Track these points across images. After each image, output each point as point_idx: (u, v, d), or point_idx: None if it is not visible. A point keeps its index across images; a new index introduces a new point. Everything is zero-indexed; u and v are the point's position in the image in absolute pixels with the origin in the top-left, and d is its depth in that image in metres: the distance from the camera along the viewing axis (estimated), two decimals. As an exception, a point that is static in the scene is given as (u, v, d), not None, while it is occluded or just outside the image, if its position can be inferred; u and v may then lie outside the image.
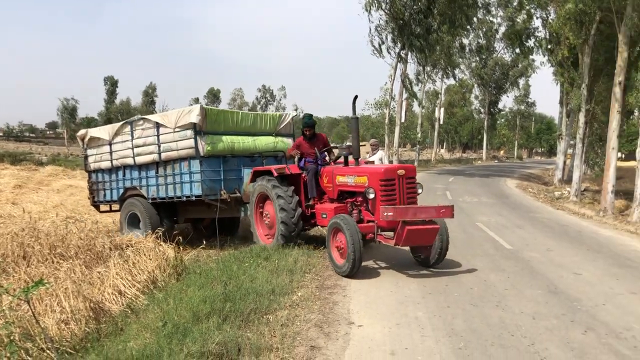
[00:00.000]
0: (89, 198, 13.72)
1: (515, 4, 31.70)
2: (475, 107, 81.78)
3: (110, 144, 12.48)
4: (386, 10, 24.33)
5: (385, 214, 7.51)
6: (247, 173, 10.88)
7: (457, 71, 46.26)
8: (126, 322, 6.24)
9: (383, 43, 24.95)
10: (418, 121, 51.51)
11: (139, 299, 7.11)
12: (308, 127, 9.98)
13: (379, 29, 25.62)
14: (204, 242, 10.02)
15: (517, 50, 34.43)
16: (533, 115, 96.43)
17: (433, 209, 7.80)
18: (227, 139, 10.91)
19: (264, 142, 11.74)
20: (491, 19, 36.51)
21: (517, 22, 32.23)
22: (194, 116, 10.30)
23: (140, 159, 11.70)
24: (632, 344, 5.39)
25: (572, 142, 29.73)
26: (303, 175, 9.76)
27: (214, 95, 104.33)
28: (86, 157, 13.43)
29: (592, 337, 5.58)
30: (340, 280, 7.71)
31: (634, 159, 17.70)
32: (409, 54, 26.36)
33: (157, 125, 11.07)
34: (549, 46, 28.33)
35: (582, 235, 12.56)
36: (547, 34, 28.13)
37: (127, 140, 11.92)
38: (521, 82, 72.71)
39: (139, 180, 11.96)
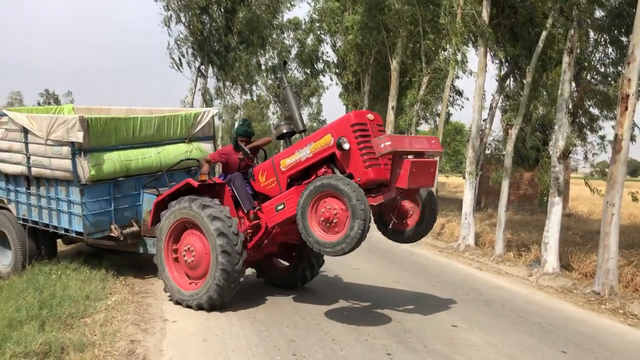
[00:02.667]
0: None
1: (303, 27, 34.61)
2: (273, 123, 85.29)
3: None
4: (185, 25, 24.81)
5: (383, 144, 6.09)
6: (147, 199, 8.38)
7: (255, 88, 48.42)
8: None
9: (184, 57, 25.43)
10: (219, 134, 52.55)
11: None
12: (243, 137, 7.88)
13: (178, 42, 26.10)
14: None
15: (308, 71, 37.57)
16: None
17: (424, 139, 6.71)
18: (119, 156, 8.30)
19: (173, 153, 9.05)
20: (284, 39, 38.96)
21: (307, 45, 35.20)
22: (74, 132, 7.70)
23: (5, 167, 8.87)
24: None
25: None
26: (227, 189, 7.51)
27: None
28: None
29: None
30: (150, 285, 8.25)
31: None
32: (209, 69, 27.16)
33: (25, 131, 8.30)
34: (337, 70, 31.54)
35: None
36: (336, 58, 31.31)
37: None
38: (314, 100, 78.02)
39: (5, 192, 9.17)
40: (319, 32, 32.97)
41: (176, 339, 5.96)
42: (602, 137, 12.90)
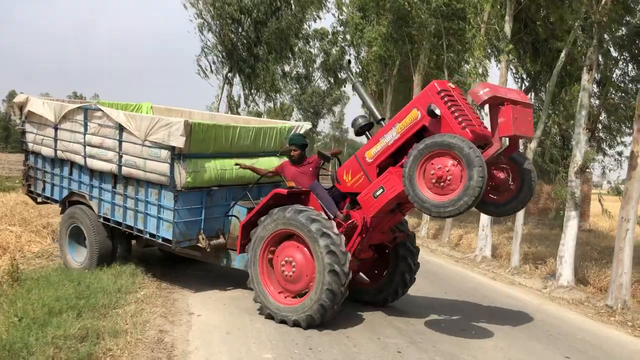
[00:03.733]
0: (22, 184, 10.44)
1: (329, 37, 35.14)
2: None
3: (56, 128, 9.18)
4: (216, 34, 25.49)
5: (481, 91, 6.03)
6: (237, 210, 8.19)
7: (278, 96, 49.13)
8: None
9: (214, 64, 26.09)
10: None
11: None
12: (298, 147, 7.71)
13: (205, 50, 26.81)
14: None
15: (332, 80, 38.13)
16: (345, 140, 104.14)
17: (515, 90, 6.69)
18: (215, 165, 8.09)
19: (265, 165, 8.63)
20: (309, 49, 39.53)
21: (332, 54, 35.74)
22: (176, 137, 7.46)
23: (93, 163, 8.63)
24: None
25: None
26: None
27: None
28: (23, 132, 9.95)
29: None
30: (176, 282, 8.67)
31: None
32: (236, 77, 27.78)
33: (121, 128, 8.13)
34: (360, 79, 31.98)
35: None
36: (359, 69, 31.75)
37: (79, 132, 8.81)
38: (336, 109, 78.59)
39: (89, 188, 8.87)
40: (342, 44, 33.49)
41: (201, 330, 6.38)
42: (620, 153, 13.05)
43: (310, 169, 7.66)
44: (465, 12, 16.11)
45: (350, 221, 6.87)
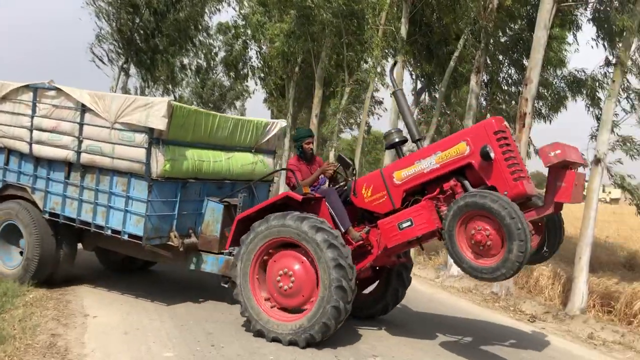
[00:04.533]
0: None
1: (232, 32, 34.80)
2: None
3: None
4: (113, 21, 24.38)
5: (553, 153, 5.54)
6: (211, 207, 7.53)
7: (177, 89, 47.91)
8: None
9: (111, 52, 24.96)
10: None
11: None
12: (310, 138, 7.20)
13: (100, 37, 25.57)
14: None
15: (232, 75, 37.80)
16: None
17: (576, 150, 6.01)
18: (193, 155, 7.38)
19: (240, 161, 8.16)
20: (211, 41, 38.83)
21: (235, 49, 35.38)
22: (157, 118, 6.74)
23: (41, 150, 7.59)
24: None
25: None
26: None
27: None
28: None
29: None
30: (68, 283, 8.23)
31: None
32: (133, 67, 26.76)
33: (83, 109, 7.25)
34: (262, 75, 31.93)
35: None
36: (261, 64, 31.68)
37: (24, 115, 7.72)
38: (238, 104, 77.80)
39: (32, 180, 7.75)
40: (244, 38, 33.28)
41: (97, 332, 6.13)
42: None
43: (317, 168, 7.08)
44: (364, 12, 16.59)
45: (360, 242, 6.32)
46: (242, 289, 6.36)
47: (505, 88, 14.69)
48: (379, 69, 15.81)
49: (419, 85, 18.28)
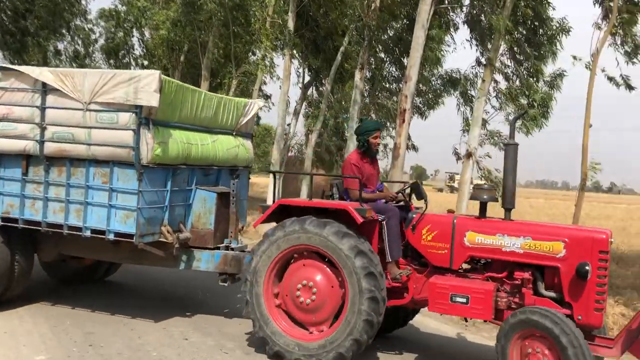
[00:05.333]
0: None
1: (114, 20, 33.15)
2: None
3: None
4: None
5: None
6: (202, 197, 6.72)
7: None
8: None
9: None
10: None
11: None
12: (378, 132, 6.11)
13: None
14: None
15: (113, 62, 36.03)
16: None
17: None
18: (182, 138, 6.49)
19: (225, 145, 7.30)
20: (90, 27, 36.78)
21: (117, 36, 33.70)
22: (147, 94, 5.80)
23: None
24: None
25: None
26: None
27: None
28: None
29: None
30: None
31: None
32: (2, 52, 24.76)
33: (44, 90, 6.17)
34: (145, 63, 30.70)
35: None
36: (144, 52, 30.45)
37: None
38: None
39: None
40: (126, 25, 31.81)
41: (-41, 338, 5.65)
42: (385, 145, 14.75)
43: (378, 169, 6.22)
44: (251, 4, 16.53)
45: (398, 284, 5.59)
46: (256, 305, 5.59)
47: (387, 85, 15.32)
48: (267, 62, 15.84)
49: (307, 80, 18.56)
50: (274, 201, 5.91)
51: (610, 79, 13.02)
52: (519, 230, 5.28)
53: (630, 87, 13.00)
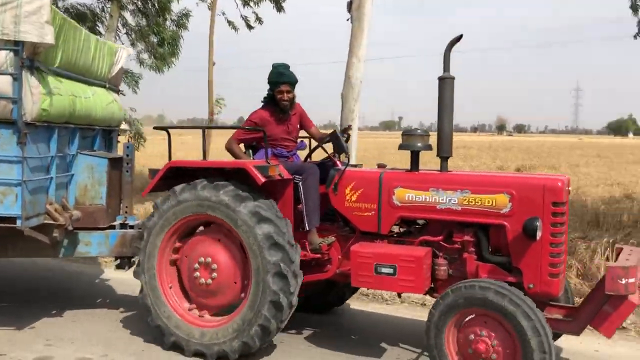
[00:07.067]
0: None
1: None
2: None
3: None
4: None
5: (624, 281, 3.70)
6: (89, 164, 5.14)
7: None
8: None
9: None
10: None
11: None
12: (287, 85, 4.94)
13: None
14: None
15: None
16: None
17: None
18: (67, 89, 4.92)
19: (104, 100, 5.80)
20: None
21: None
22: (36, 24, 4.15)
23: None
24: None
25: None
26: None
27: None
28: None
29: None
30: None
31: None
32: None
33: None
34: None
35: None
36: None
37: None
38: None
39: None
40: None
41: None
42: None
43: (295, 125, 5.23)
44: None
45: (317, 255, 4.69)
46: (149, 290, 4.71)
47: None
48: None
49: None
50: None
51: (230, 22, 14.86)
52: (455, 182, 4.35)
53: (250, 27, 15.12)
